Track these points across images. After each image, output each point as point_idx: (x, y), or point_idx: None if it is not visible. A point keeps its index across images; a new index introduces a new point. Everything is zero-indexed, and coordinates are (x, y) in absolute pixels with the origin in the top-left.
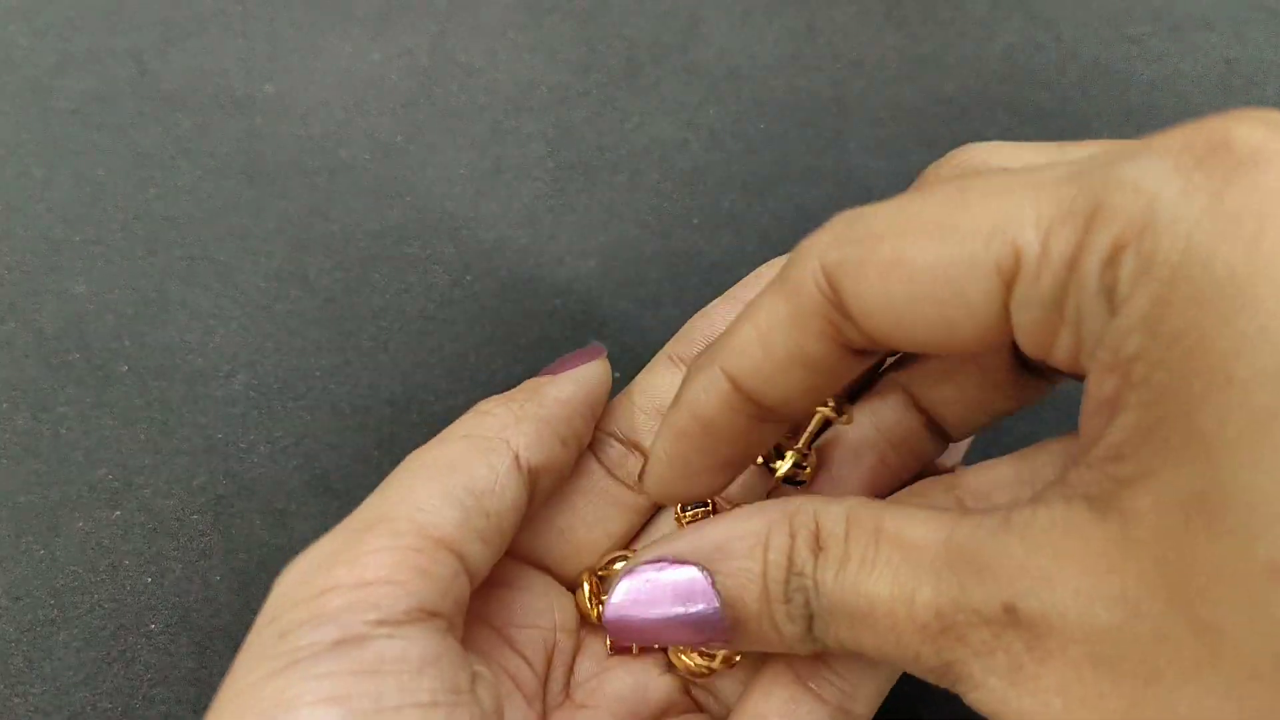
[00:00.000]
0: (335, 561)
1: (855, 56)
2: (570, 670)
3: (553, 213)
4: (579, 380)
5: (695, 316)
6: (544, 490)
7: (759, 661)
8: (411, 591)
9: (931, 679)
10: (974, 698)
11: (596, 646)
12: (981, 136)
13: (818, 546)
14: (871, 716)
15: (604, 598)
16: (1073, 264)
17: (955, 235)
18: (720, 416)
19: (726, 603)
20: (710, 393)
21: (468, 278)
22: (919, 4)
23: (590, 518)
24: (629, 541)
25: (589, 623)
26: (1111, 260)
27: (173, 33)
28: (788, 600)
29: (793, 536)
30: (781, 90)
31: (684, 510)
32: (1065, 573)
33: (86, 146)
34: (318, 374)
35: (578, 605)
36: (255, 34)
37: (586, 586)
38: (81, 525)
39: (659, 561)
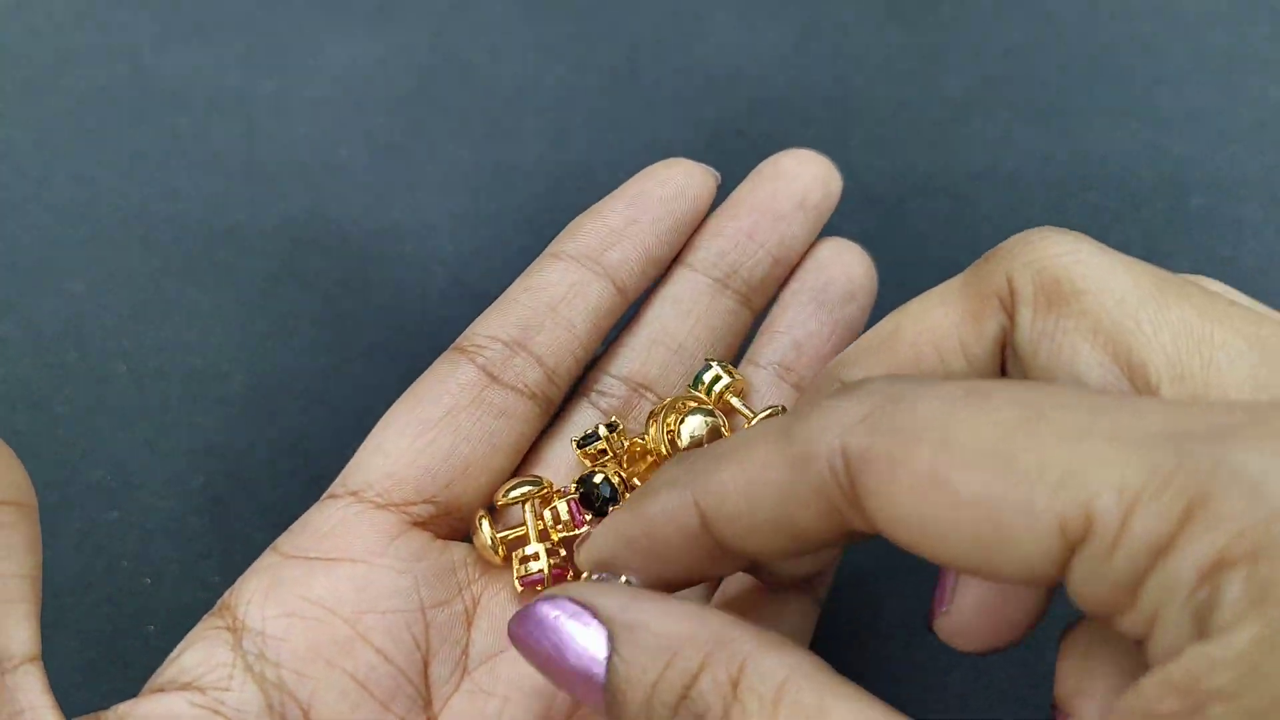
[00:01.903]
0: None
1: (857, 55)
2: (466, 647)
3: (552, 212)
4: None
5: (583, 215)
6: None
7: None
8: None
9: None
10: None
11: (499, 606)
12: (983, 136)
13: (732, 694)
14: None
15: (518, 554)
16: (1158, 555)
17: (1015, 472)
18: (678, 542)
19: (610, 681)
20: (674, 518)
21: (467, 277)
22: (921, 2)
23: (473, 434)
24: (530, 457)
25: (496, 568)
26: (1212, 575)
27: (170, 31)
28: None
29: (702, 667)
30: (782, 89)
31: (582, 446)
32: None
33: (84, 145)
34: (316, 374)
35: (480, 552)
36: (253, 32)
37: (485, 526)
38: (79, 526)
39: (579, 608)
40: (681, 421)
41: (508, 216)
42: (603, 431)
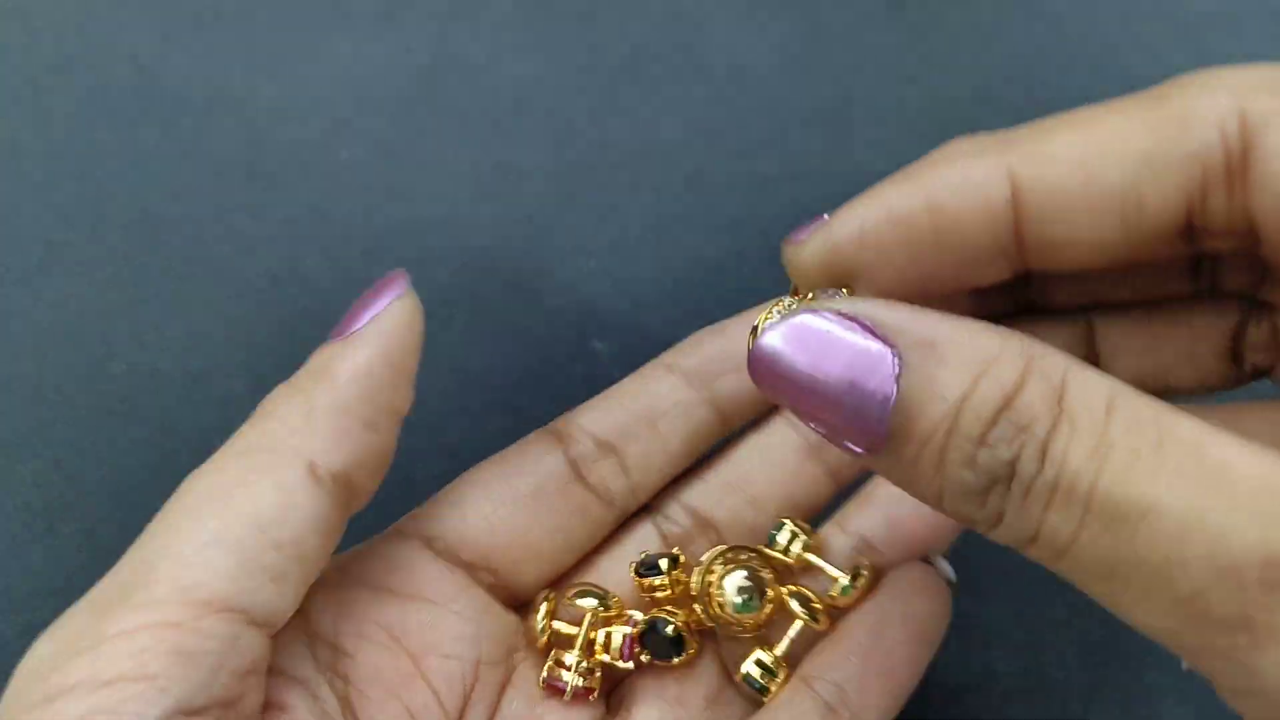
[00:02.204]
0: (74, 649)
1: (859, 56)
2: (494, 711)
3: (553, 213)
4: (378, 337)
5: (706, 331)
6: (363, 484)
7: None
8: (166, 688)
9: (1179, 620)
10: (1263, 663)
11: (528, 684)
12: None
13: (1058, 408)
14: None
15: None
16: None
17: None
18: (970, 215)
19: (901, 404)
20: (975, 192)
21: (467, 278)
22: (923, 3)
23: (549, 523)
24: (588, 557)
25: (533, 651)
26: None
27: (172, 32)
28: (982, 443)
29: (1024, 377)
30: (784, 90)
31: (642, 575)
32: None
33: (85, 146)
34: None
35: (526, 631)
36: (255, 33)
37: (544, 608)
38: (79, 526)
39: (851, 319)
40: (724, 576)
41: (509, 217)
42: (664, 566)
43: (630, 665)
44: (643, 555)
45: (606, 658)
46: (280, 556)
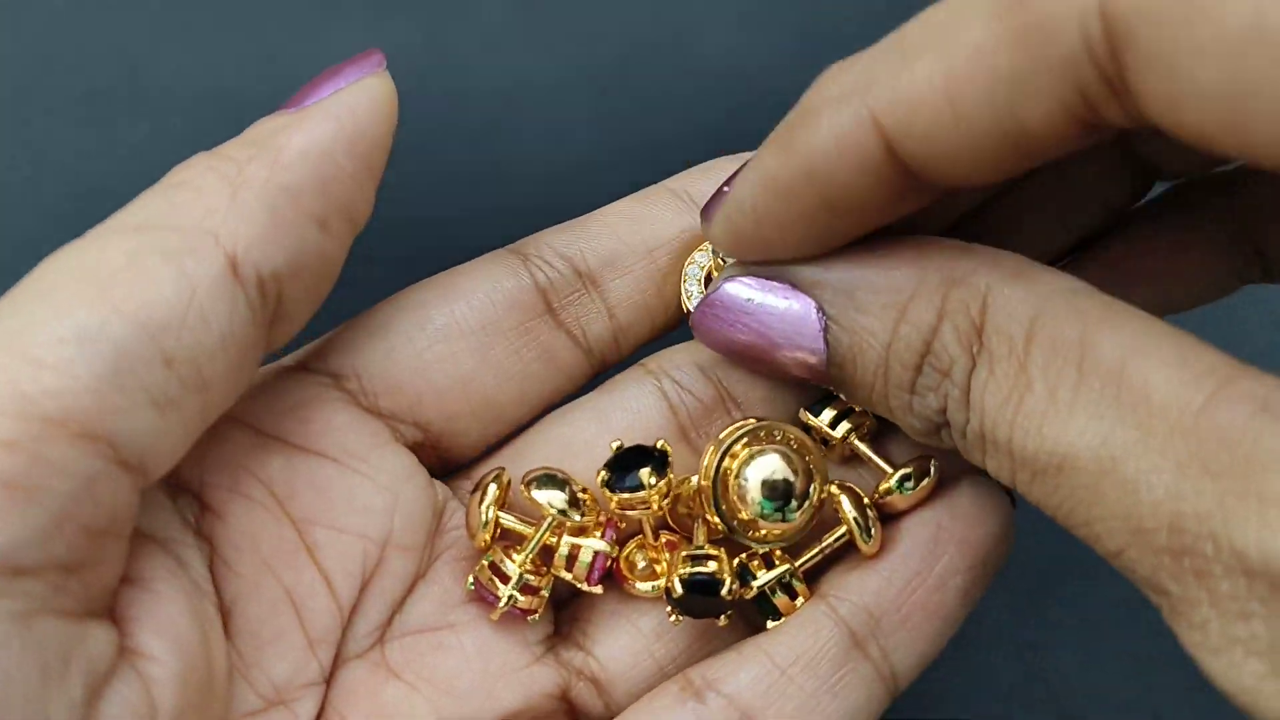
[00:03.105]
0: None
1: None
2: (398, 607)
3: (550, 211)
4: (341, 114)
5: (724, 159)
6: (297, 304)
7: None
8: None
9: (1114, 565)
10: (1186, 639)
11: (449, 581)
12: None
13: (976, 341)
14: None
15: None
16: None
17: None
18: (848, 177)
19: (834, 359)
20: (845, 145)
21: None
22: (924, 2)
23: (502, 367)
24: (546, 409)
25: (471, 543)
26: None
27: (162, 30)
28: (912, 392)
29: (940, 317)
30: (782, 88)
31: (612, 487)
32: None
33: (76, 145)
34: None
35: (468, 518)
36: (246, 30)
37: (491, 492)
38: None
39: (770, 282)
40: (748, 462)
41: (505, 217)
42: (645, 477)
43: (598, 590)
44: (615, 447)
45: (567, 575)
46: (170, 375)
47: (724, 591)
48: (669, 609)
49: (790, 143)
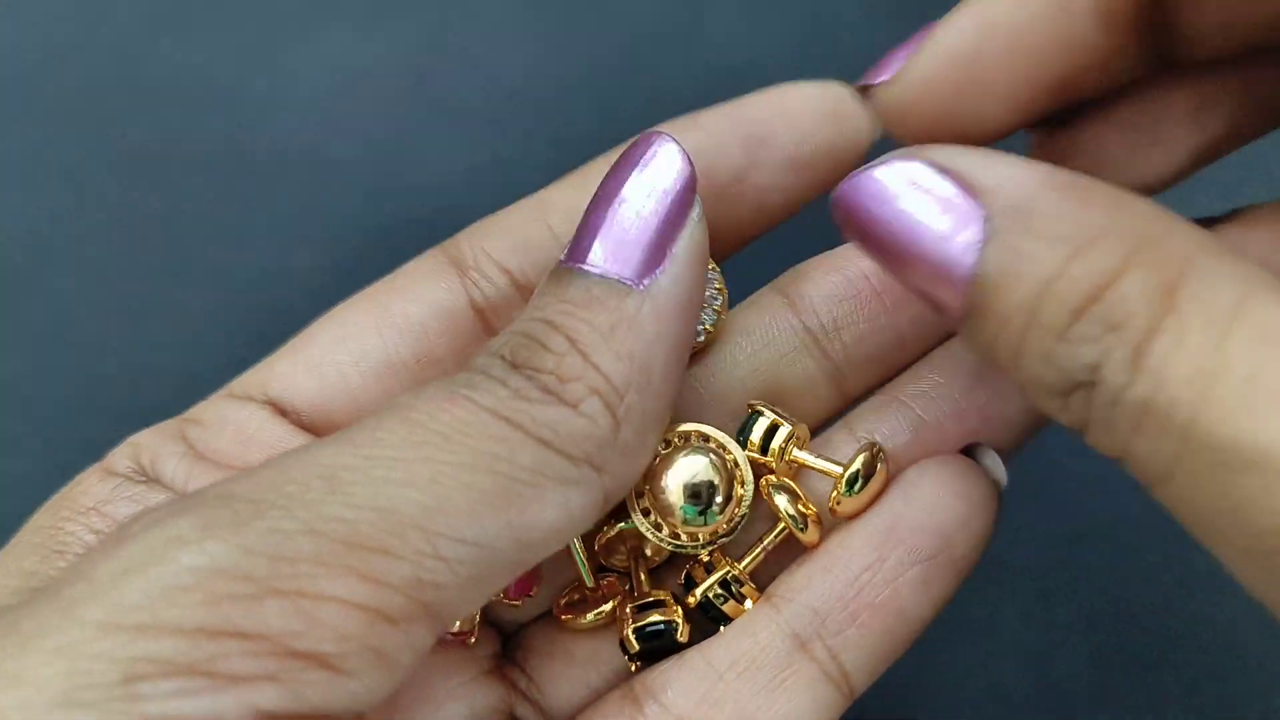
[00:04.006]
0: (270, 585)
1: (861, 51)
2: None
3: None
4: (685, 296)
5: (687, 120)
6: None
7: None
8: (350, 688)
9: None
10: None
11: None
12: None
13: (1168, 304)
14: None
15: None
16: None
17: None
18: (1092, 27)
19: (980, 280)
20: None
21: None
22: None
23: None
24: None
25: None
26: None
27: (161, 26)
28: (1063, 338)
29: (1127, 263)
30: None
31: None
32: None
33: (74, 142)
34: None
35: None
36: (245, 27)
37: None
38: None
39: (945, 170)
40: (667, 468)
41: None
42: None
43: (517, 603)
44: None
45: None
46: (507, 580)
47: (679, 636)
48: (630, 663)
49: None
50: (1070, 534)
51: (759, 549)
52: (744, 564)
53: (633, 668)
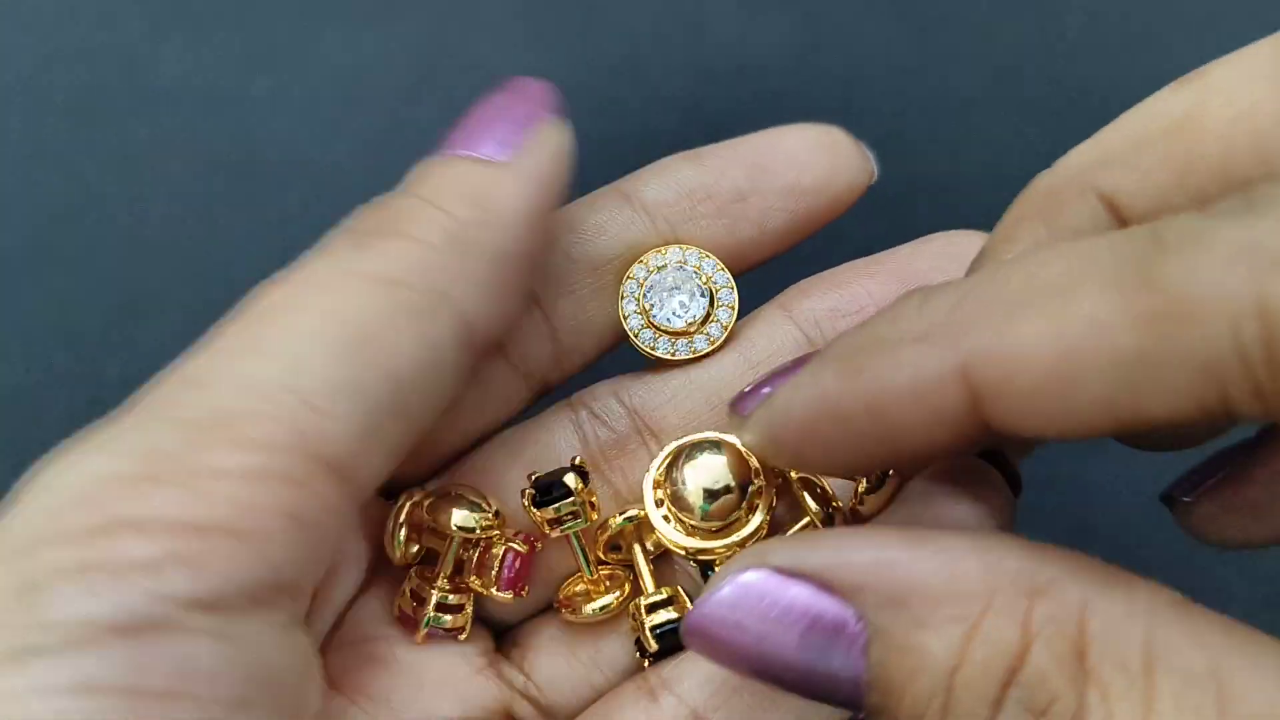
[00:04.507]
0: (150, 474)
1: (863, 51)
2: (341, 616)
3: None
4: (543, 173)
5: (678, 157)
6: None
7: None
8: (266, 556)
9: None
10: None
11: (387, 592)
12: (990, 134)
13: (1080, 669)
14: None
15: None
16: None
17: None
18: (919, 420)
19: (876, 684)
20: (925, 390)
21: None
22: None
23: (429, 400)
24: (488, 440)
25: (394, 560)
26: None
27: (163, 27)
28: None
29: (1028, 631)
30: (786, 85)
31: (539, 504)
32: None
33: (75, 143)
34: None
35: (384, 533)
36: (247, 28)
37: (405, 512)
38: None
39: (793, 576)
40: (685, 469)
41: None
42: (571, 482)
43: (508, 596)
44: (533, 476)
45: (477, 584)
46: (406, 430)
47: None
48: (644, 660)
49: (858, 370)
50: (1070, 537)
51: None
52: None
53: (645, 663)
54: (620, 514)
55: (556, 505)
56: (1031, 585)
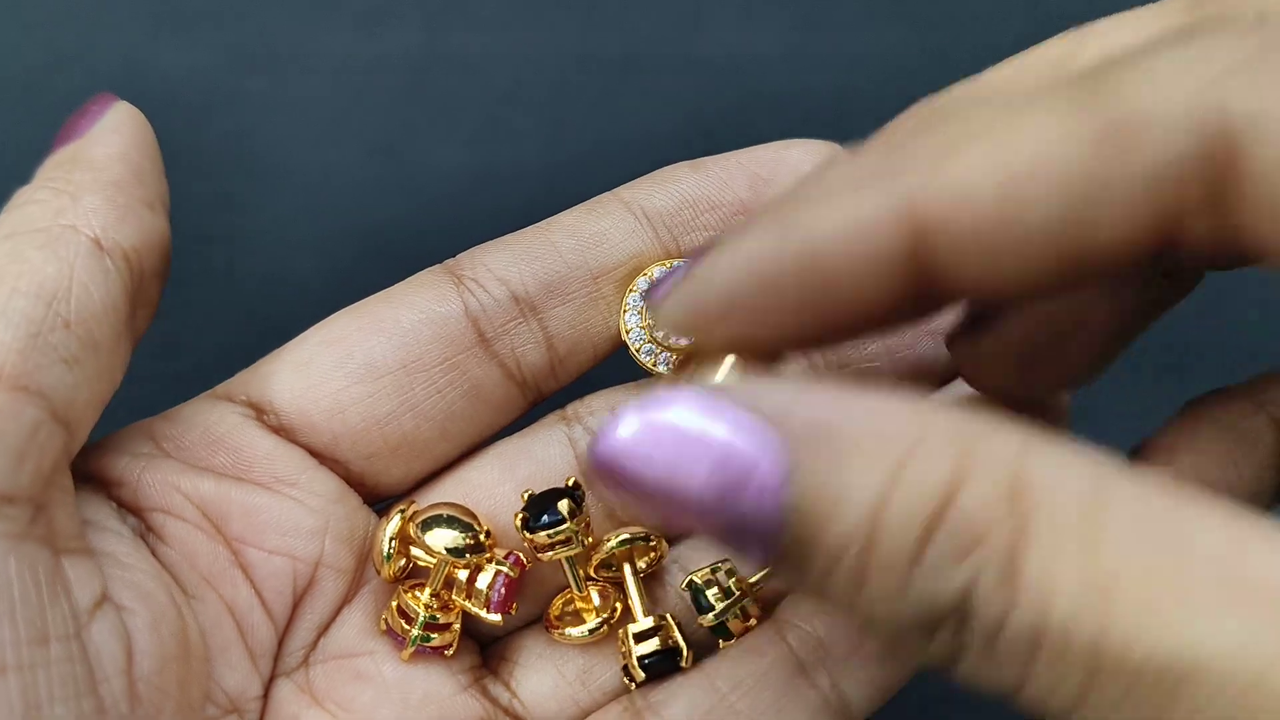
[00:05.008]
0: None
1: (860, 52)
2: (325, 629)
3: (549, 209)
4: (117, 127)
5: (680, 166)
6: (152, 281)
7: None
8: None
9: None
10: None
11: (375, 605)
12: None
13: (1021, 509)
14: None
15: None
16: None
17: None
18: (855, 272)
19: (791, 527)
20: (862, 234)
21: None
22: (926, 4)
23: (428, 405)
24: (479, 451)
25: (382, 577)
26: None
27: (162, 29)
28: (916, 563)
29: (957, 472)
30: (783, 86)
31: (531, 529)
32: None
33: None
34: None
35: (372, 547)
36: (245, 30)
37: (391, 527)
38: None
39: (708, 401)
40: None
41: (503, 216)
42: (564, 509)
43: (497, 619)
44: (526, 494)
45: (469, 604)
46: (71, 336)
47: (682, 662)
48: (631, 685)
49: (788, 223)
50: None
51: (768, 569)
52: (753, 581)
53: (632, 687)
54: (614, 536)
55: (549, 532)
56: (963, 431)
